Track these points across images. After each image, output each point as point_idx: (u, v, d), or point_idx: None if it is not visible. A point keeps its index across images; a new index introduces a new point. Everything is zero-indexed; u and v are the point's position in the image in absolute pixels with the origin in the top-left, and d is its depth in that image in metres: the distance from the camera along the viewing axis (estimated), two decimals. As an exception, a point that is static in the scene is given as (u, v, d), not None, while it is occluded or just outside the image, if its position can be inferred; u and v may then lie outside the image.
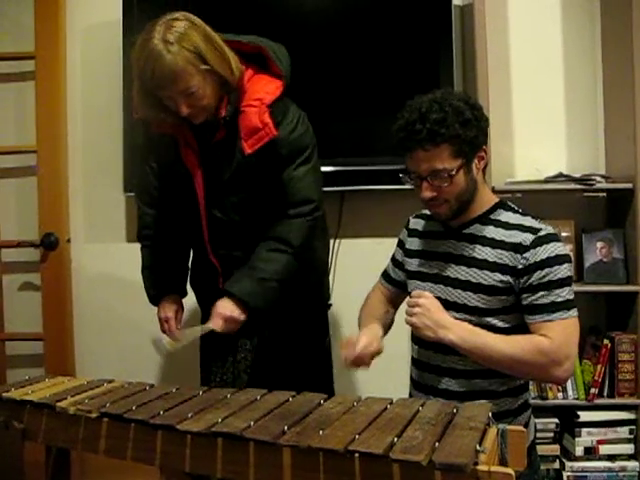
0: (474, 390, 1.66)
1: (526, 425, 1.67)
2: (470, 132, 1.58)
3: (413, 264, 1.82)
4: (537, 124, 2.73)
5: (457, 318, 1.64)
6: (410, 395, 1.83)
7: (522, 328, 1.62)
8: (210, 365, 2.13)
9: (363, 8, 2.65)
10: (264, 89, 1.88)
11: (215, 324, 1.88)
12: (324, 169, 2.57)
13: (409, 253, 1.85)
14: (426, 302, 1.63)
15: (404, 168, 1.68)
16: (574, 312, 1.59)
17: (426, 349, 1.72)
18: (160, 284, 2.11)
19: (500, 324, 1.64)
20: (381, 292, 1.96)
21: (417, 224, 1.87)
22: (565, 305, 1.58)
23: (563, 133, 2.74)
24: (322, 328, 2.21)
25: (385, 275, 1.97)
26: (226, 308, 1.88)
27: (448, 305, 1.66)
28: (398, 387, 1.92)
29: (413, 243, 1.85)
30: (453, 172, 1.58)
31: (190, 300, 2.21)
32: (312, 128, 2.00)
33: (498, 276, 1.62)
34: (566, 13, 2.74)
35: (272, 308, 1.94)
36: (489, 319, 1.64)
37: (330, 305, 2.27)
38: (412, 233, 1.87)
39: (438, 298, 1.67)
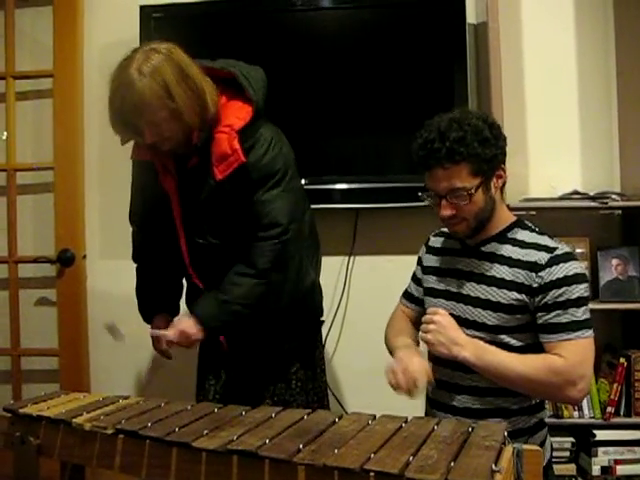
0: (488, 408, 1.66)
1: (542, 444, 1.66)
2: (489, 151, 1.59)
3: (429, 281, 1.83)
4: (552, 141, 2.72)
5: (471, 335, 1.64)
6: (426, 413, 1.82)
7: (536, 347, 1.62)
8: (204, 381, 2.16)
9: (378, 27, 2.66)
10: (235, 114, 1.89)
11: (171, 333, 1.93)
12: (338, 186, 2.61)
13: (426, 270, 1.86)
14: (441, 319, 1.63)
15: (423, 186, 1.68)
16: (590, 332, 1.58)
17: (440, 366, 1.72)
18: (149, 304, 2.16)
19: (514, 342, 1.63)
20: (403, 312, 1.95)
21: (436, 242, 1.88)
22: (580, 325, 1.57)
23: (578, 150, 2.73)
24: (311, 344, 2.20)
25: (406, 294, 1.97)
26: (185, 324, 1.93)
27: (462, 322, 1.66)
28: (413, 405, 1.92)
29: (430, 260, 1.86)
30: (472, 191, 1.59)
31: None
32: (287, 149, 1.98)
33: (514, 295, 1.62)
34: (580, 31, 2.75)
35: (241, 329, 1.98)
36: (503, 337, 1.63)
37: (322, 322, 2.26)
38: (430, 250, 1.88)
39: (452, 315, 1.67)
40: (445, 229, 1.82)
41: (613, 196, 2.51)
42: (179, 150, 1.90)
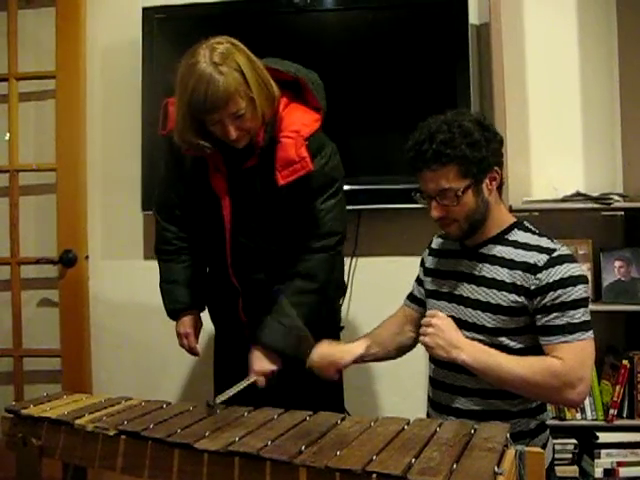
0: (489, 410, 1.65)
1: (544, 447, 1.66)
2: (478, 153, 1.59)
3: (429, 282, 1.83)
4: (554, 143, 2.72)
5: (471, 338, 1.64)
6: (428, 415, 1.82)
7: (536, 349, 1.61)
8: (222, 384, 2.12)
9: (381, 28, 2.67)
10: (301, 120, 1.88)
11: (259, 381, 1.84)
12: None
13: (427, 272, 1.87)
14: (439, 322, 1.63)
15: (417, 187, 1.70)
16: (589, 334, 1.58)
17: (441, 368, 1.72)
18: (179, 300, 2.09)
19: (513, 345, 1.63)
20: (403, 313, 1.94)
21: (437, 243, 1.88)
22: (579, 327, 1.57)
23: (580, 152, 2.73)
24: None
25: (409, 295, 1.97)
26: (263, 366, 1.85)
27: (462, 324, 1.66)
28: (415, 406, 1.92)
29: (431, 262, 1.86)
30: (460, 192, 1.59)
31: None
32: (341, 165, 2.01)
33: (513, 297, 1.61)
34: (583, 31, 2.74)
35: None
36: (502, 339, 1.63)
37: (342, 328, 2.24)
38: (431, 252, 1.89)
39: (452, 317, 1.67)
40: (444, 237, 1.84)
41: (616, 197, 2.51)
42: (243, 146, 1.86)
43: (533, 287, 1.59)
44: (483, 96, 2.70)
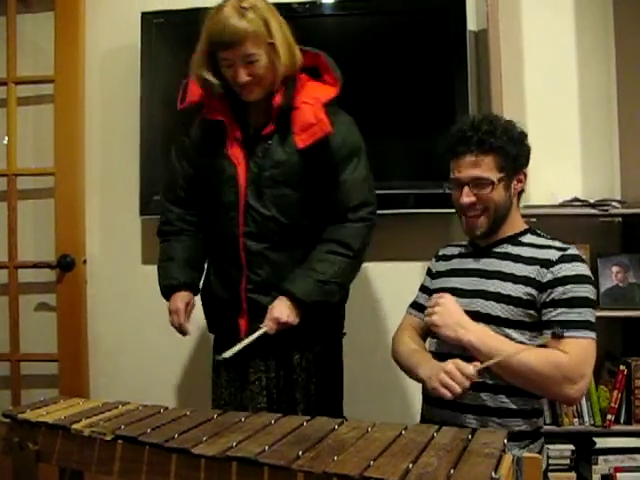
0: (487, 405, 1.67)
1: (539, 452, 1.66)
2: (514, 149, 1.72)
3: (439, 283, 1.87)
4: (552, 148, 2.73)
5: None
6: (422, 411, 1.84)
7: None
8: (220, 387, 2.10)
9: (379, 34, 2.67)
10: (319, 91, 1.93)
11: (269, 327, 1.85)
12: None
13: (435, 275, 1.91)
14: (447, 302, 1.68)
15: (449, 177, 1.79)
16: (593, 334, 1.61)
17: (441, 360, 1.70)
18: (173, 276, 2.06)
19: (517, 336, 1.66)
20: (410, 324, 1.94)
21: (446, 250, 1.95)
22: (585, 325, 1.60)
23: (578, 157, 2.74)
24: (338, 356, 2.17)
25: (414, 304, 1.99)
26: (282, 312, 1.86)
27: (470, 315, 1.69)
28: (413, 411, 1.92)
29: (441, 266, 1.91)
30: (495, 182, 1.70)
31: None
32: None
33: (524, 289, 1.66)
34: (580, 38, 2.75)
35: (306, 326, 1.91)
36: (509, 331, 1.66)
37: (345, 334, 2.22)
38: (440, 258, 1.95)
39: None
40: (454, 243, 1.92)
41: (613, 203, 2.51)
42: (261, 109, 1.91)
43: (545, 280, 1.65)
44: (481, 102, 2.71)
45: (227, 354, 1.69)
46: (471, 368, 1.56)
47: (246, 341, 1.79)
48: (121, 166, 2.88)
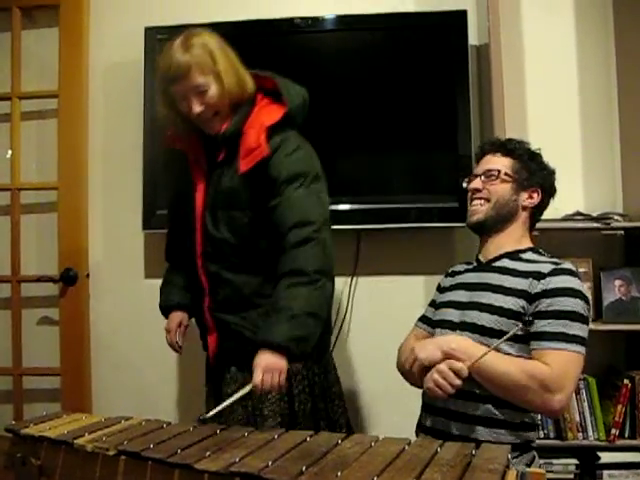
0: (478, 415, 1.69)
1: (528, 465, 1.69)
2: (532, 165, 1.88)
3: (442, 297, 1.94)
4: (554, 162, 2.70)
5: (471, 338, 1.71)
6: (419, 420, 1.86)
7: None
8: (209, 399, 2.15)
9: (381, 48, 2.70)
10: (267, 115, 1.94)
11: (258, 379, 1.70)
12: (340, 207, 2.62)
13: (442, 290, 1.98)
14: (419, 342, 1.75)
15: (468, 174, 1.98)
16: (580, 349, 1.62)
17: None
18: (169, 298, 2.20)
19: (507, 348, 1.67)
20: (415, 336, 1.98)
21: (455, 267, 2.03)
22: (572, 338, 1.61)
23: (580, 171, 2.74)
24: (329, 373, 2.14)
25: (422, 318, 2.04)
26: (263, 360, 1.73)
27: (459, 325, 1.77)
28: (413, 425, 1.91)
29: (447, 282, 1.98)
30: (502, 174, 1.84)
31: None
32: (316, 160, 1.98)
33: (515, 300, 1.70)
34: (582, 52, 2.76)
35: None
36: (495, 341, 1.67)
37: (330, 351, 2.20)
38: (449, 274, 2.02)
39: (450, 321, 1.80)
40: (464, 261, 2.00)
41: (616, 217, 2.51)
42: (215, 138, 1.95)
43: (534, 292, 1.68)
44: (483, 116, 2.72)
45: (210, 414, 1.62)
46: (461, 364, 1.60)
47: (230, 400, 1.72)
48: (124, 180, 2.89)
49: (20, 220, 2.88)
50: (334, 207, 2.59)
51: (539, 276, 1.69)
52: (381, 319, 2.71)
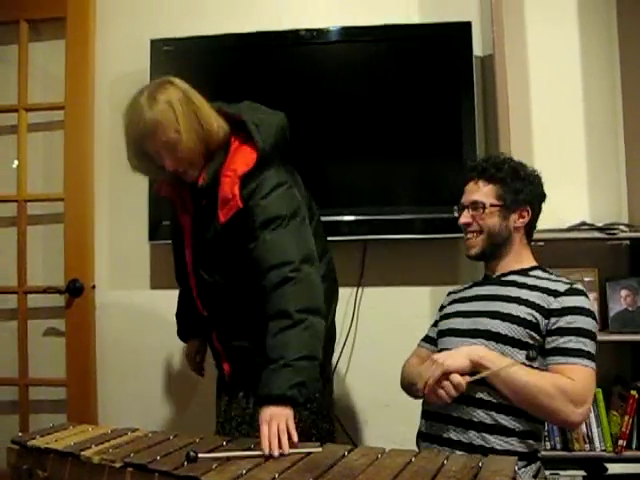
0: (487, 423, 1.69)
1: (534, 476, 1.70)
2: (516, 185, 1.85)
3: (445, 310, 1.97)
4: (559, 172, 2.72)
5: (480, 344, 1.73)
6: (419, 429, 1.86)
7: None
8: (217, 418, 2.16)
9: (386, 59, 2.70)
10: (242, 160, 1.89)
11: (271, 444, 1.50)
12: (346, 218, 2.62)
13: (442, 308, 2.01)
14: (438, 357, 1.71)
15: (458, 203, 1.95)
16: (594, 365, 1.68)
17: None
18: (182, 329, 2.31)
19: (518, 356, 1.70)
20: (418, 355, 2.00)
21: (455, 287, 2.06)
22: (588, 355, 1.67)
23: (585, 181, 2.74)
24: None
25: (425, 338, 2.06)
26: (270, 417, 1.60)
27: (473, 332, 1.78)
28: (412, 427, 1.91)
29: (448, 300, 2.02)
30: (487, 206, 1.84)
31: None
32: (295, 195, 1.94)
33: (529, 310, 1.73)
34: (587, 62, 2.77)
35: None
36: (511, 349, 1.71)
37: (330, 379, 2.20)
38: (450, 293, 2.05)
39: (461, 330, 1.82)
40: (470, 281, 2.02)
41: (621, 227, 2.51)
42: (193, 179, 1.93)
43: (551, 307, 1.72)
44: (488, 127, 2.72)
45: (201, 455, 1.57)
46: (460, 377, 1.63)
47: (231, 453, 1.66)
48: (130, 192, 2.90)
49: (26, 231, 2.89)
50: (340, 218, 2.62)
51: (555, 293, 1.73)
52: (387, 329, 2.71)
